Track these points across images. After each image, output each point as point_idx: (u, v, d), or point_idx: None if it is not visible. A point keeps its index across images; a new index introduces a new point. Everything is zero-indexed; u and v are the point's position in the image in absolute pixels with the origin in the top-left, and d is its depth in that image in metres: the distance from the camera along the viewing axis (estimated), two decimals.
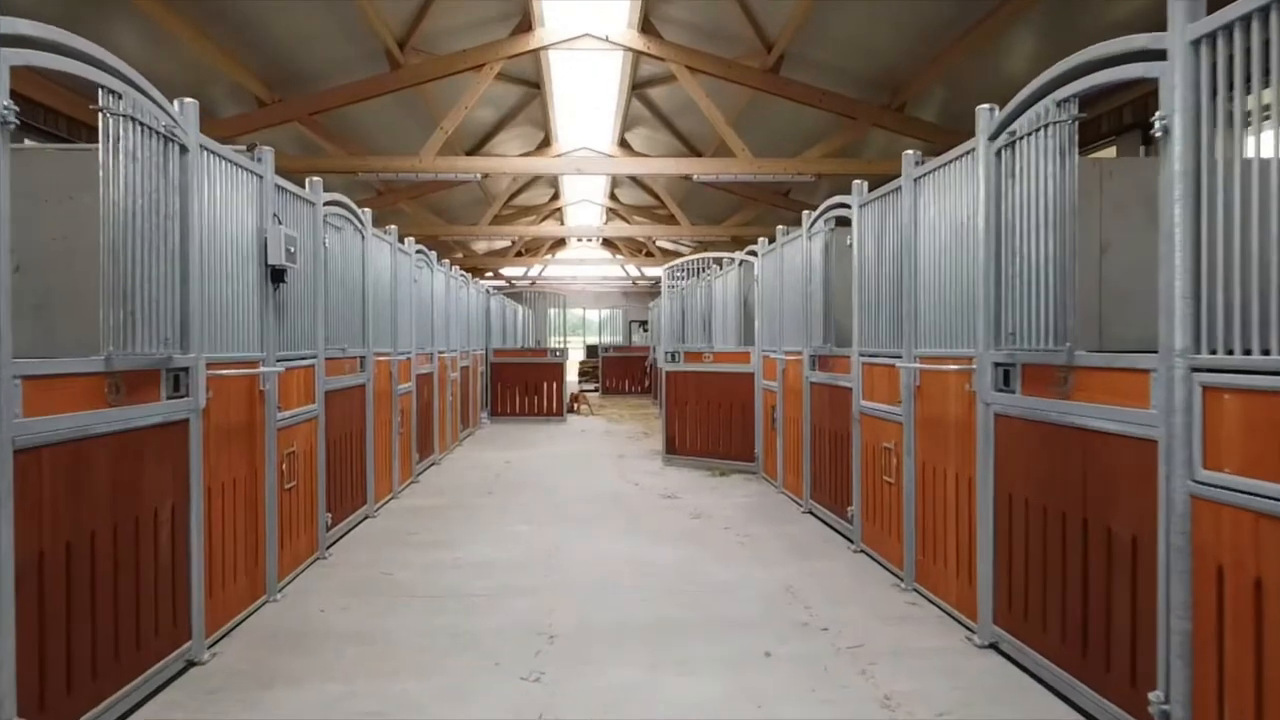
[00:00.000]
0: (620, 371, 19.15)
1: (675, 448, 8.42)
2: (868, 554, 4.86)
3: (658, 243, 21.06)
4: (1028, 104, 3.05)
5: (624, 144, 13.83)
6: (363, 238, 5.85)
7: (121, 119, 2.65)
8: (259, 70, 8.49)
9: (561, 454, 9.30)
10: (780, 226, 6.99)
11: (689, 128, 12.37)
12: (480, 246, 23.02)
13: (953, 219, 3.75)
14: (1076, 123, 2.79)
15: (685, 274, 9.29)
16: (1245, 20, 2.06)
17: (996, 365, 3.32)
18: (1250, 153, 2.10)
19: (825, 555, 4.92)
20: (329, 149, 9.66)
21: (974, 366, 3.48)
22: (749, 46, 8.95)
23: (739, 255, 8.21)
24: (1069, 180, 2.80)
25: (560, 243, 24.84)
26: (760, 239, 7.76)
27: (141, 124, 2.77)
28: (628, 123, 12.60)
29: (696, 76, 9.03)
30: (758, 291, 7.75)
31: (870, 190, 4.97)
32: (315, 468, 4.75)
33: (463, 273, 10.85)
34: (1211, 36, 2.19)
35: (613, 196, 18.97)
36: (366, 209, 5.96)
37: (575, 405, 15.66)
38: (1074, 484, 2.82)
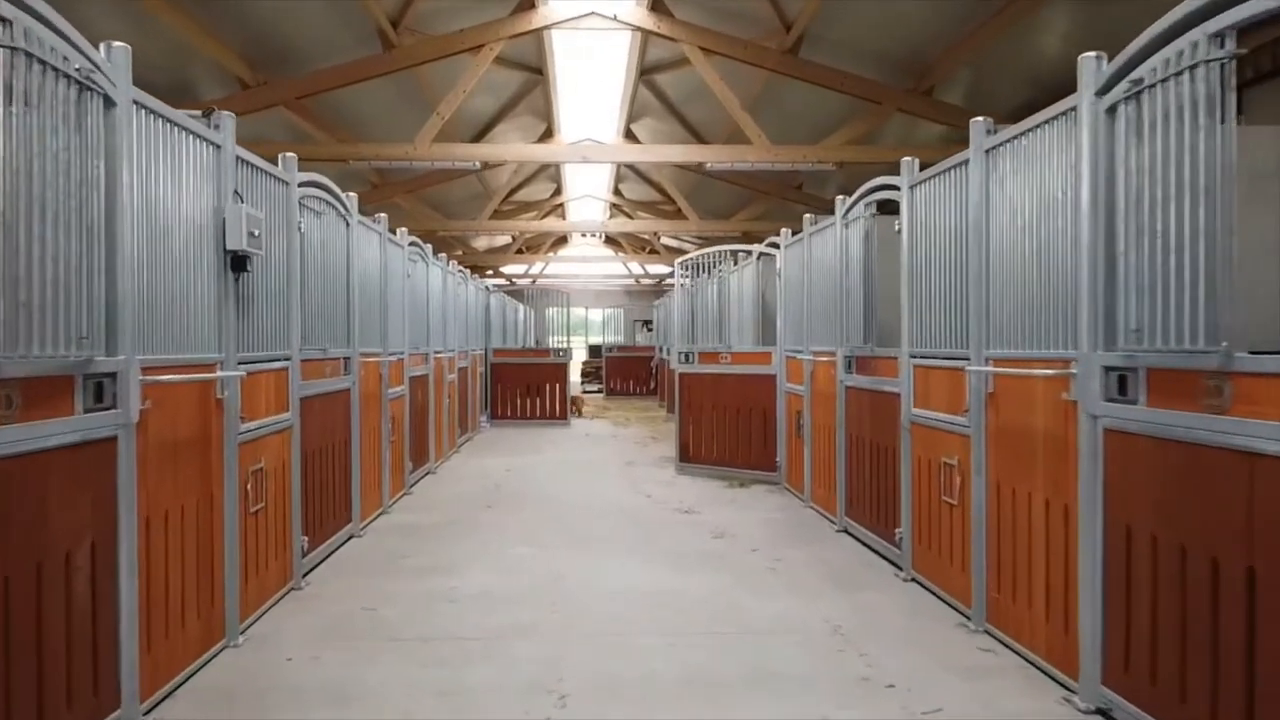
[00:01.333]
0: (624, 372, 18.55)
1: (689, 455, 7.82)
2: (921, 584, 4.25)
3: (662, 239, 20.46)
4: (1158, 45, 2.44)
5: (630, 135, 13.22)
6: (347, 225, 5.25)
7: (9, 52, 2.05)
8: (241, 50, 7.88)
9: (566, 461, 8.70)
10: (807, 215, 6.38)
11: (698, 117, 11.76)
12: (480, 244, 22.41)
13: (1040, 195, 3.15)
14: (1235, 61, 2.19)
15: (698, 269, 8.70)
16: None
17: (1108, 370, 2.72)
18: None
19: (872, 585, 4.31)
20: (318, 136, 9.05)
21: (1073, 371, 2.88)
22: (767, 26, 8.34)
23: (758, 248, 7.61)
24: (1224, 136, 2.20)
25: (562, 240, 24.28)
26: (782, 229, 7.16)
27: (41, 62, 2.16)
28: (634, 112, 11.97)
29: (711, 59, 8.44)
30: (780, 286, 7.15)
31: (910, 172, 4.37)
32: (288, 486, 4.15)
33: (461, 268, 10.25)
34: None
35: (617, 192, 18.37)
36: (352, 194, 5.36)
37: (576, 408, 15.07)
38: (1230, 522, 2.21)
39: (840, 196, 5.50)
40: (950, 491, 3.90)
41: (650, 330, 23.19)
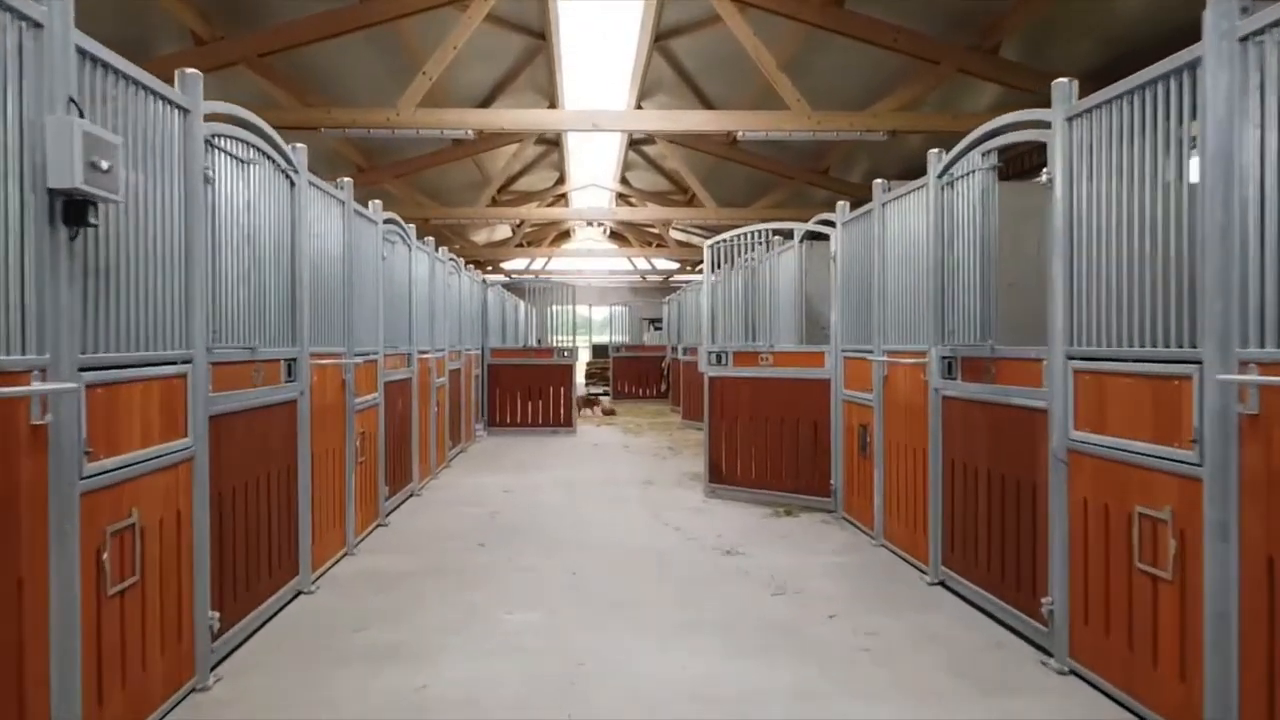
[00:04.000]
0: (633, 374, 17.29)
1: (722, 475, 6.55)
2: (1087, 680, 2.99)
3: (672, 232, 19.20)
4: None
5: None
6: (291, 184, 3.99)
7: None
8: (196, 0, 6.68)
9: (574, 481, 7.44)
10: (878, 181, 5.11)
11: (718, 91, 10.49)
12: (480, 238, 21.18)
13: None
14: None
15: (732, 255, 7.41)
16: None
17: None
18: None
19: (1015, 681, 3.05)
20: (284, 101, 7.80)
21: None
22: None
23: (802, 226, 6.35)
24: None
25: (565, 235, 23.01)
26: (839, 203, 5.90)
27: None
28: (646, 87, 10.69)
29: (746, 13, 7.20)
30: (835, 272, 5.90)
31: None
32: (185, 544, 2.90)
33: (453, 257, 9.00)
34: None
35: (624, 181, 17.13)
36: (300, 145, 4.12)
37: (592, 407, 13.83)
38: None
39: (935, 151, 4.24)
40: (1155, 558, 2.64)
41: (658, 329, 21.94)
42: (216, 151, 3.19)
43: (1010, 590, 3.55)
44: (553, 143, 14.42)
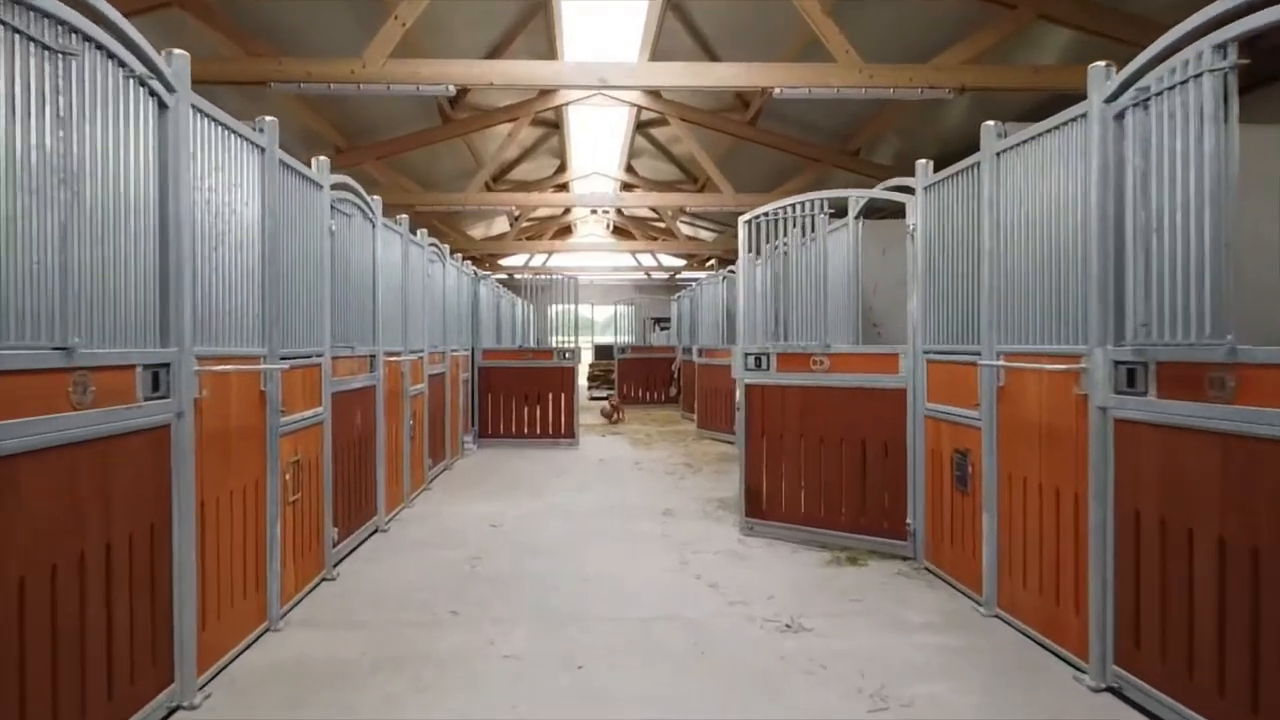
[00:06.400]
0: (639, 376, 16.00)
1: (762, 506, 5.25)
2: None
3: (679, 222, 17.90)
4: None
5: (654, 92, 10.68)
6: (190, 115, 2.70)
7: None
8: None
9: (577, 509, 6.14)
10: (989, 123, 3.79)
11: (739, 60, 9.20)
12: (478, 232, 19.91)
13: None
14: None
15: (770, 231, 6.10)
16: None
17: None
18: None
19: None
20: (225, 50, 6.51)
21: None
22: None
23: (866, 193, 5.06)
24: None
25: (567, 230, 21.71)
26: (918, 162, 4.60)
27: None
28: (658, 49, 9.36)
29: None
30: (913, 252, 4.60)
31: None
32: None
33: (434, 242, 7.70)
34: None
35: (630, 170, 15.85)
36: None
37: (615, 416, 12.53)
38: None
39: (1100, 65, 2.94)
40: None
41: (665, 329, 20.64)
42: (51, 56, 1.91)
43: None
44: (553, 125, 13.14)
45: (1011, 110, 8.27)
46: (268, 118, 3.56)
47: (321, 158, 4.36)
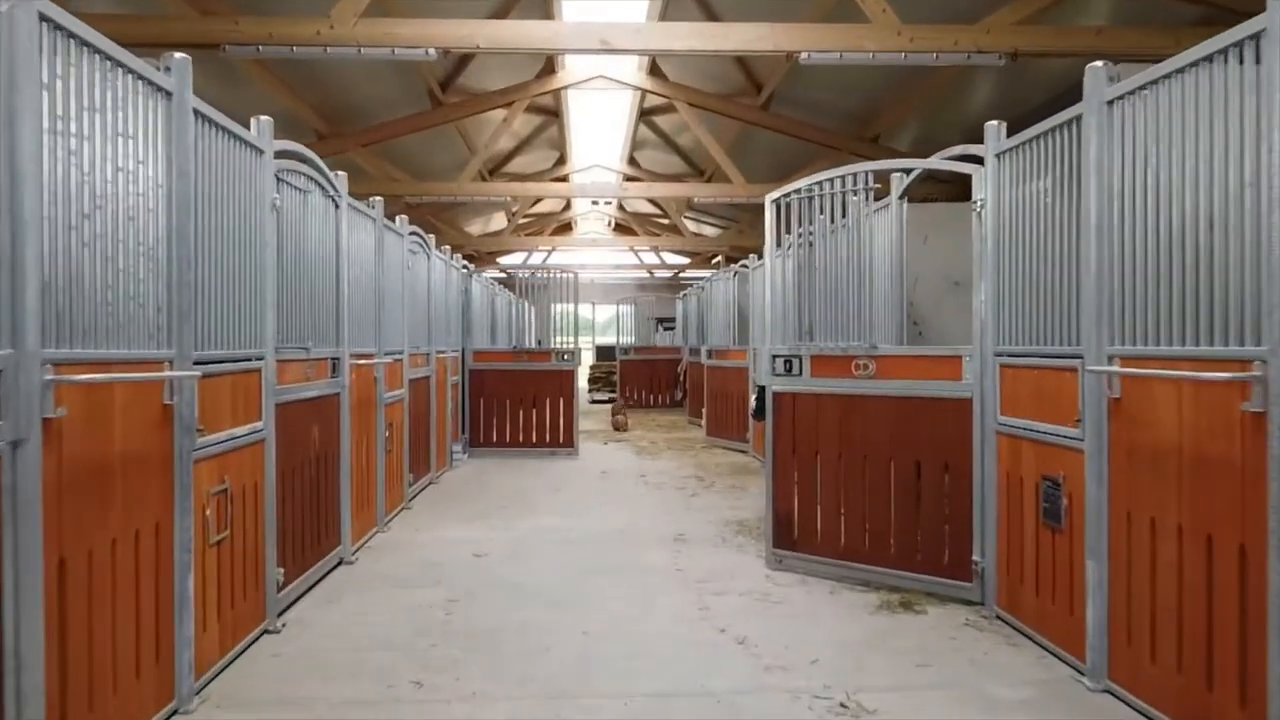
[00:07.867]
0: (642, 378, 15.22)
1: (794, 536, 4.45)
2: None
3: (684, 217, 17.10)
4: None
5: (655, 70, 9.92)
6: (34, 24, 1.92)
7: None
8: None
9: (576, 534, 5.35)
10: (1094, 65, 3.00)
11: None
12: (474, 228, 19.13)
13: None
14: None
15: (802, 212, 5.29)
16: None
17: None
18: None
19: None
20: (174, 7, 5.72)
21: None
22: None
23: (920, 164, 4.27)
24: None
25: (567, 228, 20.91)
26: (988, 124, 3.81)
27: None
28: (666, 18, 8.53)
29: None
30: (981, 233, 3.81)
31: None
32: None
33: (417, 231, 6.91)
34: None
35: (632, 162, 15.06)
36: None
37: (620, 423, 11.69)
38: None
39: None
40: None
41: (669, 329, 19.84)
42: None
43: None
44: (551, 112, 12.35)
45: (1040, 93, 7.54)
46: (176, 54, 2.77)
47: (264, 117, 3.57)
